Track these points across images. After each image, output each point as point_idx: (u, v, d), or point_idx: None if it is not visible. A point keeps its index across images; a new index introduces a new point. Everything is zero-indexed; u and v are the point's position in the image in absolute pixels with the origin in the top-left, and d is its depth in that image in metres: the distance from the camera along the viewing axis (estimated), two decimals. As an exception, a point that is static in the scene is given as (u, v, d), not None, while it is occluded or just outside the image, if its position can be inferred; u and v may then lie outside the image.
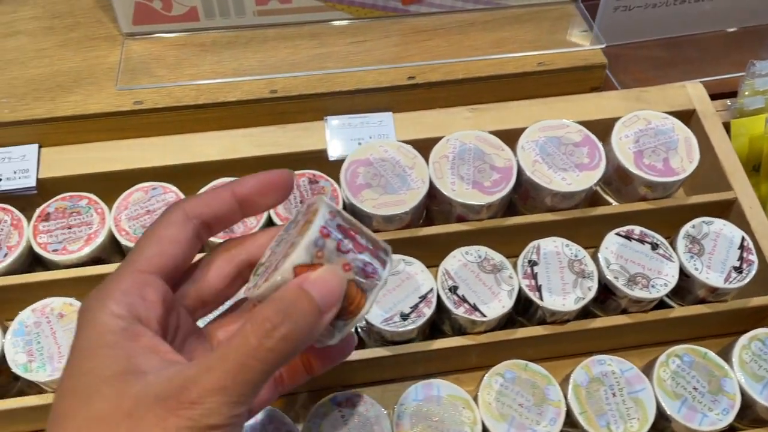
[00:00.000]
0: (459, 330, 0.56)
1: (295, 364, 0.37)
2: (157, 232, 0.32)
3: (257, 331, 0.27)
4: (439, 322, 0.58)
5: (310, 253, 0.29)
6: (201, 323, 0.36)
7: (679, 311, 0.57)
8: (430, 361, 0.57)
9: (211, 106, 0.63)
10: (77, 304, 0.53)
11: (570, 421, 0.50)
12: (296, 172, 0.61)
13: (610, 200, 0.64)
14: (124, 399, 0.27)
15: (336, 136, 0.64)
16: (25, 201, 0.60)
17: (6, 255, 0.56)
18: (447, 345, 0.55)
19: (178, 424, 0.26)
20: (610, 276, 0.55)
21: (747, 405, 0.51)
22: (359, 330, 0.58)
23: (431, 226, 0.60)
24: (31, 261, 0.58)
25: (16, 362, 0.50)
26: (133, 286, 0.30)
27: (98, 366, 0.28)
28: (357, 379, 0.58)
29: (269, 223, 0.59)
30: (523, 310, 0.57)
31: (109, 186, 0.60)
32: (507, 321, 0.58)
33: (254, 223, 0.58)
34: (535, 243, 0.56)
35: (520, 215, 0.62)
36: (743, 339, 0.54)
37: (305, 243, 0.29)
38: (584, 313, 0.58)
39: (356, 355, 0.55)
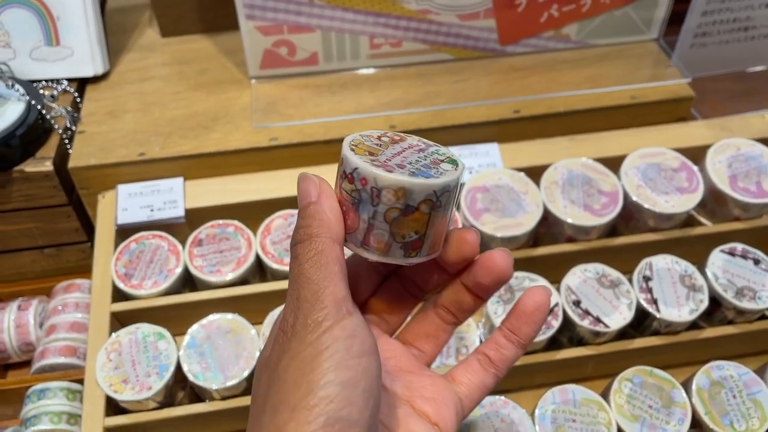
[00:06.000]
0: (579, 342, 0.61)
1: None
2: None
3: None
4: (559, 335, 0.63)
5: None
6: None
7: (782, 321, 0.62)
8: (549, 372, 0.62)
9: (338, 141, 0.69)
10: (240, 319, 0.59)
11: (696, 421, 0.54)
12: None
13: (704, 221, 0.70)
14: None
15: (448, 166, 0.70)
16: (172, 229, 0.67)
17: (167, 277, 0.62)
18: (571, 355, 0.60)
19: None
20: (719, 289, 0.60)
21: None
22: (481, 340, 0.63)
23: (546, 246, 0.65)
24: (184, 282, 0.65)
25: (192, 372, 0.56)
26: None
27: None
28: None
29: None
30: (637, 322, 0.62)
31: (248, 214, 0.67)
32: (620, 335, 0.62)
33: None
34: (647, 260, 0.62)
35: (620, 236, 0.67)
36: None
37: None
38: (691, 326, 0.62)
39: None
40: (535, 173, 0.67)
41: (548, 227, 0.67)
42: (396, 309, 0.35)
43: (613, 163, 0.68)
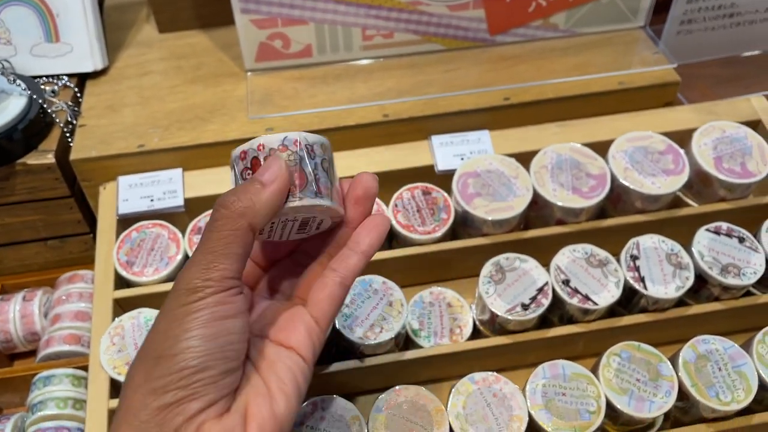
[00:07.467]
0: (569, 320, 0.63)
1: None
2: None
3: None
4: (550, 314, 0.64)
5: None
6: None
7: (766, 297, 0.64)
8: (541, 350, 0.64)
9: (332, 130, 0.71)
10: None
11: (682, 393, 0.56)
12: (410, 185, 0.69)
13: (691, 202, 0.71)
14: None
15: (440, 152, 0.72)
16: (172, 218, 0.68)
17: (167, 264, 0.64)
18: (562, 332, 0.62)
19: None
20: (704, 266, 0.62)
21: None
22: (476, 322, 0.64)
23: (537, 229, 0.67)
24: (184, 270, 0.66)
25: (194, 354, 0.57)
26: None
27: None
28: (475, 368, 0.65)
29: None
30: (626, 300, 0.63)
31: (246, 203, 0.68)
32: (609, 313, 0.64)
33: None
34: (634, 240, 0.63)
35: (609, 218, 0.69)
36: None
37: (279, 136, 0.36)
38: (678, 303, 0.64)
39: (478, 344, 0.62)
40: (525, 158, 0.69)
41: (538, 210, 0.69)
42: (286, 280, 0.40)
43: (602, 148, 0.70)
